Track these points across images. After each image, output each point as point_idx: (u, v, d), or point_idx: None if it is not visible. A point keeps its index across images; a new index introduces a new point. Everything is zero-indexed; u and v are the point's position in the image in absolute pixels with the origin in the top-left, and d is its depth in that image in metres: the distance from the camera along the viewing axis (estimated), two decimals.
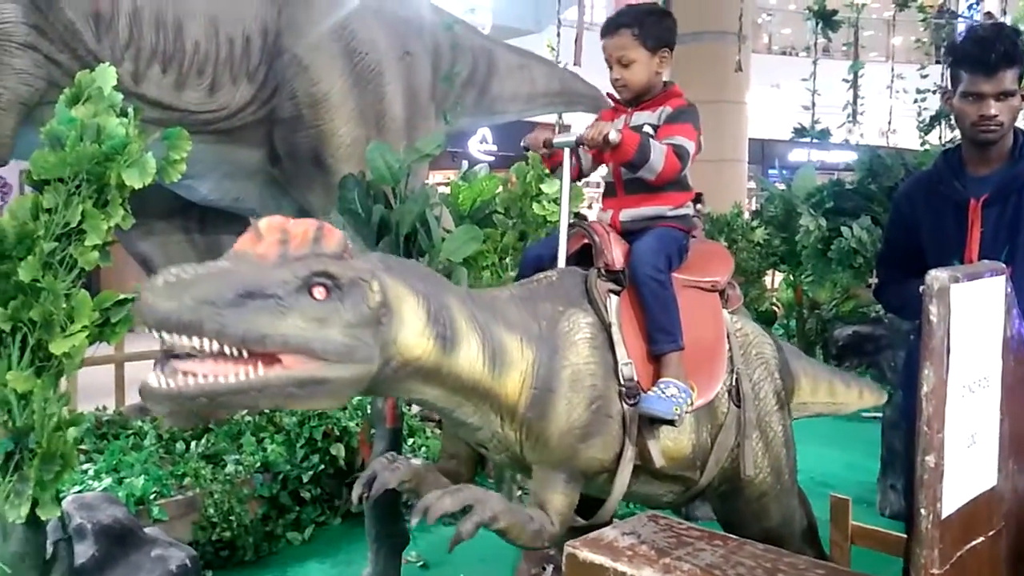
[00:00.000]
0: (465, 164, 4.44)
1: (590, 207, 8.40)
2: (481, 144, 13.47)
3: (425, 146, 2.62)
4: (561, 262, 1.94)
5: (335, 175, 3.36)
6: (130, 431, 3.46)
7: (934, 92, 6.42)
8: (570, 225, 1.99)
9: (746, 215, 6.29)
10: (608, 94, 2.14)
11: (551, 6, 8.10)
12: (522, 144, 2.08)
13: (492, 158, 14.23)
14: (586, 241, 1.97)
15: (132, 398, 4.60)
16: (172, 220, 3.79)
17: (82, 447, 3.17)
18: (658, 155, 1.88)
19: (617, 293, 1.89)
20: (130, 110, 1.72)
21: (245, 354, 1.32)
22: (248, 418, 3.59)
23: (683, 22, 2.28)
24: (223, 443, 3.36)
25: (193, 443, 3.35)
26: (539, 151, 2.05)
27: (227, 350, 1.29)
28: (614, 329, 1.82)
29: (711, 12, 8.92)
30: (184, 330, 1.25)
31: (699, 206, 8.73)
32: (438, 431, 3.73)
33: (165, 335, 1.25)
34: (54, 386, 1.71)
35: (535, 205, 3.52)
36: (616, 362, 1.79)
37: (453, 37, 4.23)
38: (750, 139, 13.50)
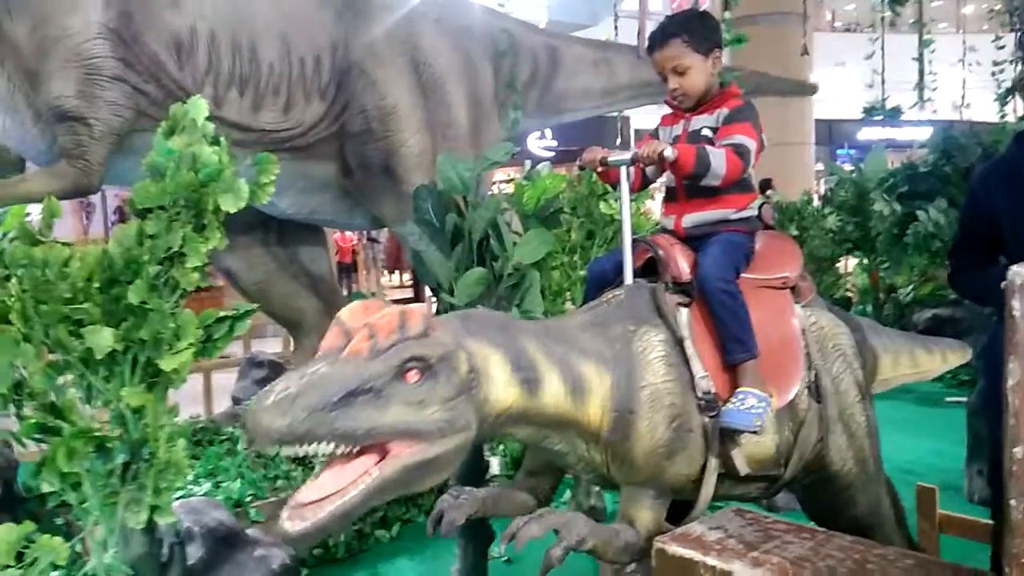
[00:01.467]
0: (528, 164, 4.50)
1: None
2: (541, 140, 13.51)
3: (494, 154, 2.69)
4: (628, 278, 1.96)
5: (406, 184, 3.47)
6: (223, 437, 3.63)
7: (1011, 62, 6.20)
8: (634, 240, 2.01)
9: (816, 201, 6.18)
10: (666, 100, 2.15)
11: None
12: (577, 164, 2.11)
13: (553, 154, 14.27)
14: (650, 255, 1.99)
15: (220, 405, 4.81)
16: (253, 234, 3.95)
17: None
18: (718, 160, 1.90)
19: (687, 305, 1.90)
20: (222, 139, 1.83)
21: (355, 450, 1.40)
22: None
23: (744, 4, 2.27)
24: None
25: None
26: (595, 170, 2.07)
27: (341, 450, 1.38)
28: (687, 343, 1.83)
29: None
30: (301, 440, 1.35)
31: (769, 192, 8.60)
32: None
33: (286, 449, 1.35)
34: (163, 400, 1.84)
35: (602, 204, 3.56)
36: (692, 376, 1.81)
37: (512, 39, 4.27)
38: (816, 120, 13.20)
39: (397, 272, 15.46)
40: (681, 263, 1.95)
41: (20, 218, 2.95)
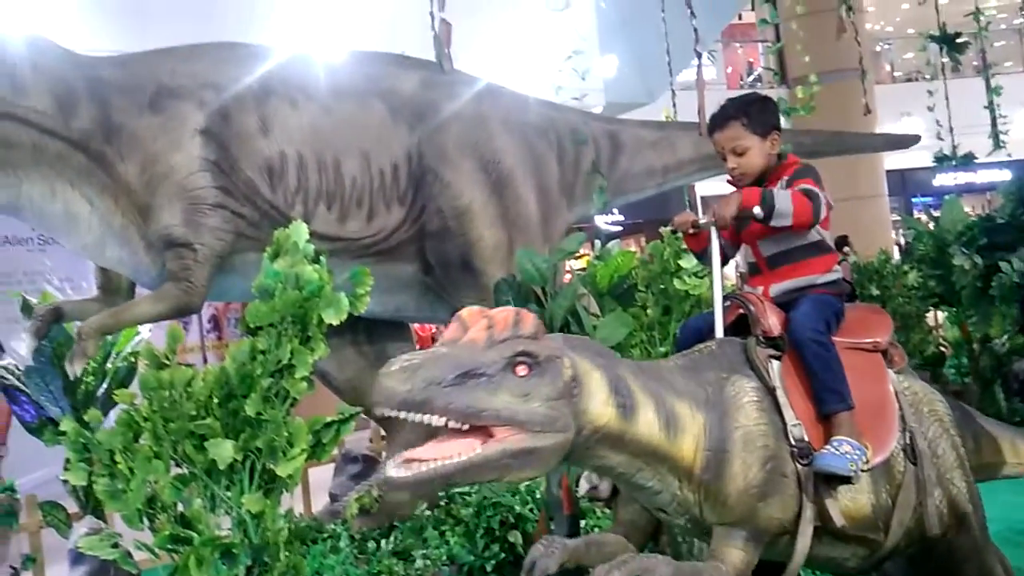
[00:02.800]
0: (597, 243, 4.62)
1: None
2: (607, 216, 13.67)
3: (568, 245, 2.82)
4: (719, 333, 2.04)
5: (484, 277, 3.62)
6: (326, 535, 3.74)
7: None
8: (724, 298, 2.09)
9: (895, 255, 6.09)
10: (728, 181, 2.25)
11: (661, 75, 8.26)
12: (669, 228, 2.22)
13: (620, 228, 14.38)
14: (741, 311, 2.06)
15: (318, 502, 4.94)
16: (343, 335, 4.13)
17: None
18: (783, 200, 1.97)
19: (778, 358, 1.96)
20: (321, 258, 2.00)
21: (465, 429, 1.53)
22: (428, 512, 3.80)
23: (801, 66, 2.35)
24: (409, 539, 3.57)
25: (383, 541, 3.58)
26: (687, 232, 2.18)
27: (452, 424, 1.52)
28: (779, 392, 1.89)
29: (828, 52, 8.81)
30: (418, 408, 1.51)
31: (846, 249, 8.49)
32: (608, 511, 3.80)
33: (403, 414, 1.50)
34: (279, 504, 1.97)
35: (676, 281, 3.63)
36: (784, 424, 1.86)
37: (573, 129, 4.46)
38: (887, 171, 13.00)
39: None
40: (771, 318, 2.02)
41: (130, 339, 3.20)
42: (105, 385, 3.15)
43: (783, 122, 2.37)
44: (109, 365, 3.17)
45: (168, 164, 2.91)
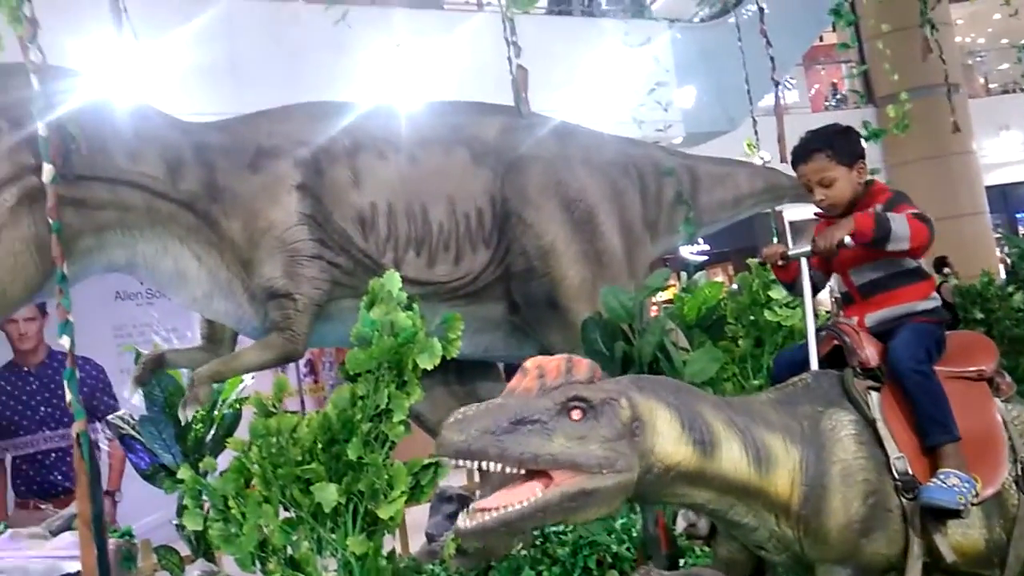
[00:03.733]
0: (684, 276, 4.58)
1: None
2: (692, 246, 13.53)
3: (654, 281, 2.83)
4: (814, 365, 2.01)
5: (570, 315, 3.65)
6: (424, 575, 3.79)
7: None
8: (818, 329, 2.06)
9: (1001, 274, 5.81)
10: (816, 213, 2.23)
11: (741, 102, 8.20)
12: (758, 260, 2.21)
13: (705, 257, 14.19)
14: (836, 343, 2.03)
15: (415, 542, 5.00)
16: (434, 377, 4.21)
17: None
18: (900, 224, 1.93)
19: (877, 389, 1.92)
20: (415, 305, 2.08)
21: (523, 473, 1.57)
22: (524, 552, 3.81)
23: (888, 84, 2.30)
24: None
25: None
26: (776, 263, 2.16)
27: (508, 470, 1.56)
28: (879, 424, 1.85)
29: (915, 69, 8.58)
30: (474, 456, 1.56)
31: (945, 270, 8.16)
32: (707, 549, 3.73)
33: (461, 463, 1.56)
34: (382, 546, 2.03)
35: (766, 312, 3.58)
36: (887, 457, 1.81)
37: (655, 163, 4.49)
38: (988, 187, 12.46)
39: None
40: (868, 349, 1.98)
41: (235, 387, 3.35)
42: (212, 432, 3.30)
43: (870, 144, 2.34)
44: (216, 412, 3.33)
45: (268, 220, 3.07)
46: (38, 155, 2.43)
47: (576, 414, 1.62)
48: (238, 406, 3.29)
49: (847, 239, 1.94)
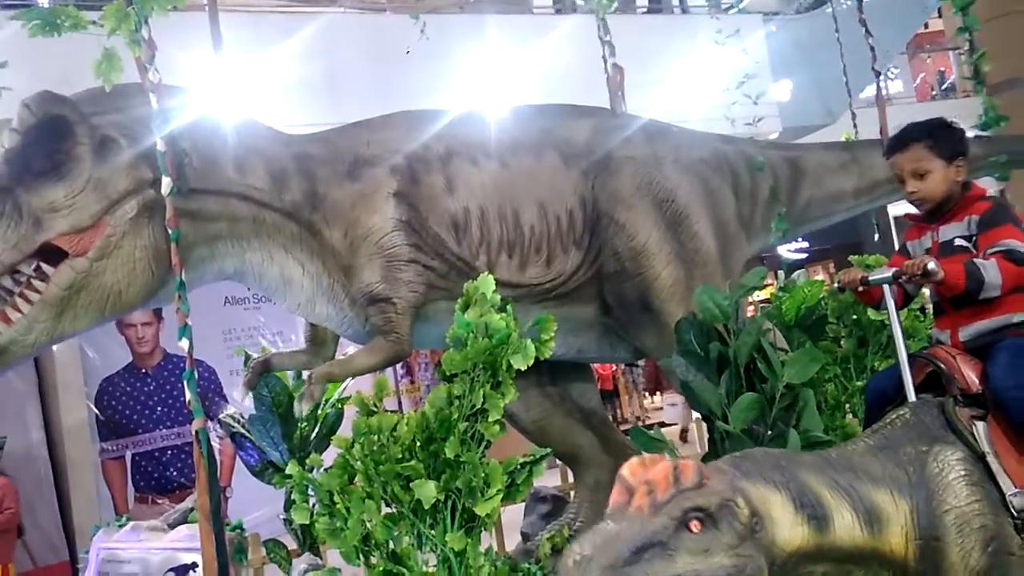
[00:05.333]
0: (781, 274, 4.46)
1: None
2: (791, 244, 13.12)
3: (750, 280, 2.78)
4: (910, 395, 1.91)
5: (664, 315, 3.62)
6: (520, 573, 3.83)
7: None
8: (911, 355, 1.97)
9: None
10: (907, 215, 2.13)
11: (839, 95, 7.94)
12: (836, 285, 2.14)
13: (805, 255, 13.75)
14: (931, 369, 1.93)
15: (510, 541, 5.06)
16: (528, 377, 4.25)
17: None
18: (991, 272, 1.83)
19: (982, 418, 1.81)
20: (508, 307, 2.12)
21: None
22: None
23: (999, 70, 2.16)
24: None
25: None
26: (855, 290, 2.08)
27: None
28: (990, 459, 1.73)
29: None
30: None
31: None
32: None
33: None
34: (479, 542, 2.07)
35: (870, 311, 3.46)
36: (1002, 494, 1.70)
37: (748, 159, 4.38)
38: None
39: (658, 393, 15.42)
40: (968, 374, 1.87)
41: (337, 387, 3.47)
42: (317, 430, 3.43)
43: (979, 133, 2.22)
44: (320, 412, 3.46)
45: (367, 227, 3.17)
46: (156, 169, 2.60)
47: (695, 526, 1.52)
48: (340, 406, 3.42)
49: (931, 265, 1.82)
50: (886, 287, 2.00)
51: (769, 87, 9.77)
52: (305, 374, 3.17)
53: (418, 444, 2.04)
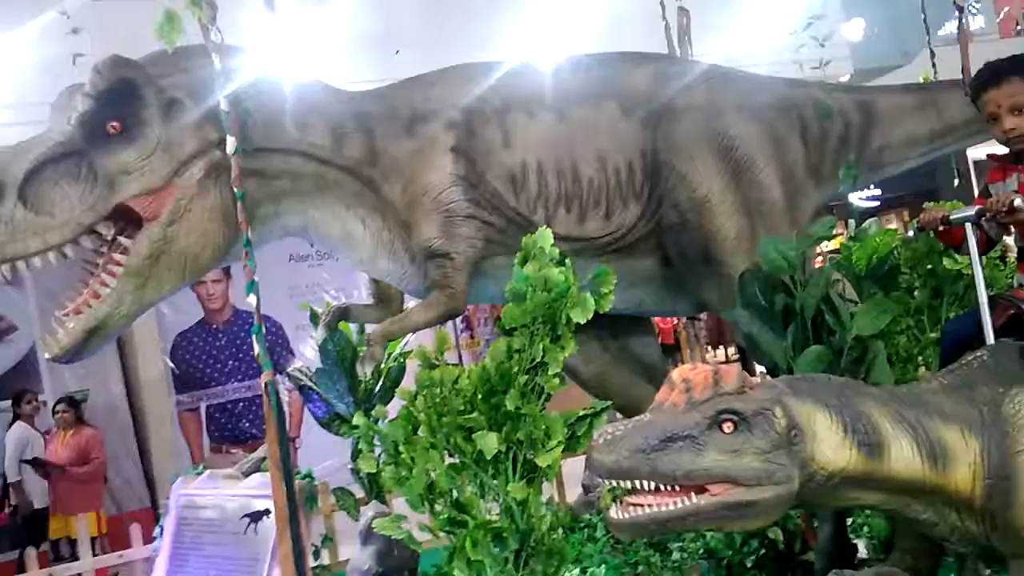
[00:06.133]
0: (851, 223, 4.32)
1: None
2: (862, 191, 12.69)
3: (817, 231, 2.71)
4: (989, 338, 1.87)
5: (727, 268, 3.56)
6: (582, 524, 3.89)
7: None
8: (991, 297, 1.91)
9: None
10: (990, 155, 2.04)
11: (916, 33, 7.58)
12: (916, 226, 2.07)
13: (878, 203, 13.30)
14: (1012, 311, 1.88)
15: (571, 493, 5.13)
16: (587, 331, 4.21)
17: None
18: None
19: None
20: (567, 260, 2.11)
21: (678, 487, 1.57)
22: None
23: None
24: None
25: None
26: (936, 229, 2.02)
27: (662, 488, 1.56)
28: None
29: None
30: (625, 476, 1.57)
31: None
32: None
33: (612, 482, 1.57)
34: (540, 492, 2.10)
35: (945, 260, 3.33)
36: None
37: (817, 104, 4.22)
38: None
39: (721, 347, 15.27)
40: None
41: (400, 342, 3.53)
42: (381, 383, 3.51)
43: None
44: (383, 366, 3.53)
45: (425, 183, 3.19)
46: (221, 129, 2.65)
47: (728, 427, 1.59)
48: (403, 359, 3.48)
49: (1018, 201, 1.76)
50: (968, 226, 1.93)
51: (840, 27, 9.36)
52: (366, 332, 3.23)
53: (479, 397, 2.07)
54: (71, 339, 2.70)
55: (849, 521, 3.62)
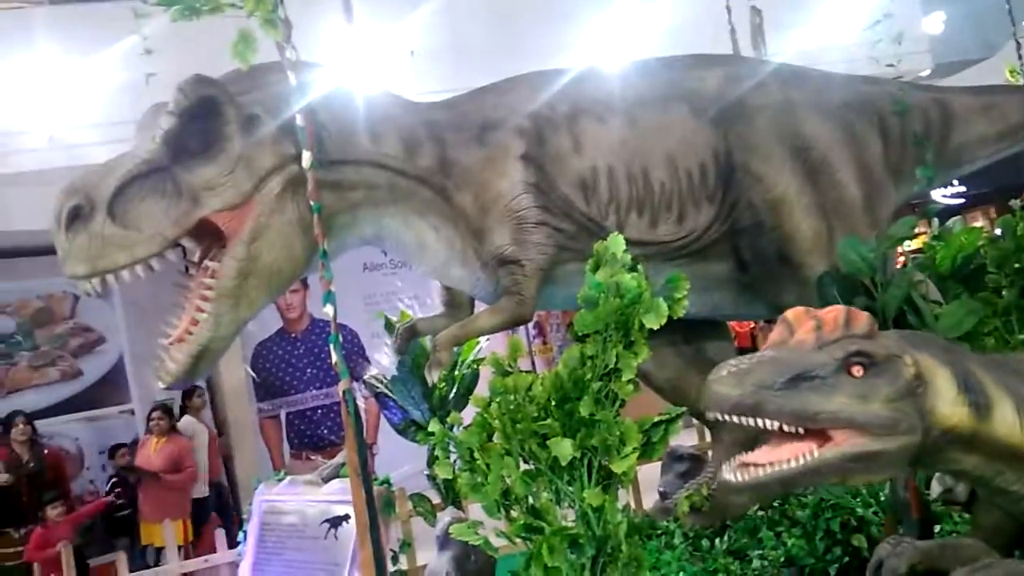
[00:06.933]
0: (935, 222, 4.17)
1: None
2: (946, 189, 12.25)
3: (898, 231, 2.63)
4: None
5: (804, 269, 3.48)
6: (659, 531, 3.84)
7: None
8: None
9: None
10: None
11: (1000, 25, 7.29)
12: (1020, 203, 1.99)
13: (962, 200, 12.78)
14: None
15: (648, 500, 5.07)
16: (661, 336, 4.15)
17: None
18: None
19: None
20: (639, 266, 2.10)
21: (801, 432, 1.53)
22: (761, 512, 3.74)
23: None
24: (743, 538, 3.54)
25: (716, 540, 3.59)
26: None
27: (785, 428, 1.52)
28: None
29: None
30: (749, 412, 1.53)
31: None
32: (966, 515, 3.44)
33: (735, 418, 1.54)
34: (617, 499, 2.09)
35: None
36: None
37: (895, 102, 4.11)
38: None
39: None
40: None
41: (473, 348, 3.56)
42: (455, 390, 3.54)
43: None
44: (456, 372, 3.57)
45: (496, 190, 3.21)
46: (297, 144, 2.73)
47: (857, 370, 1.54)
48: (476, 366, 3.51)
49: None
50: None
51: (921, 21, 9.05)
52: (430, 339, 3.28)
53: (553, 403, 2.07)
54: (180, 367, 2.81)
55: (936, 529, 3.49)
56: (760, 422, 1.51)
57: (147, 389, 7.80)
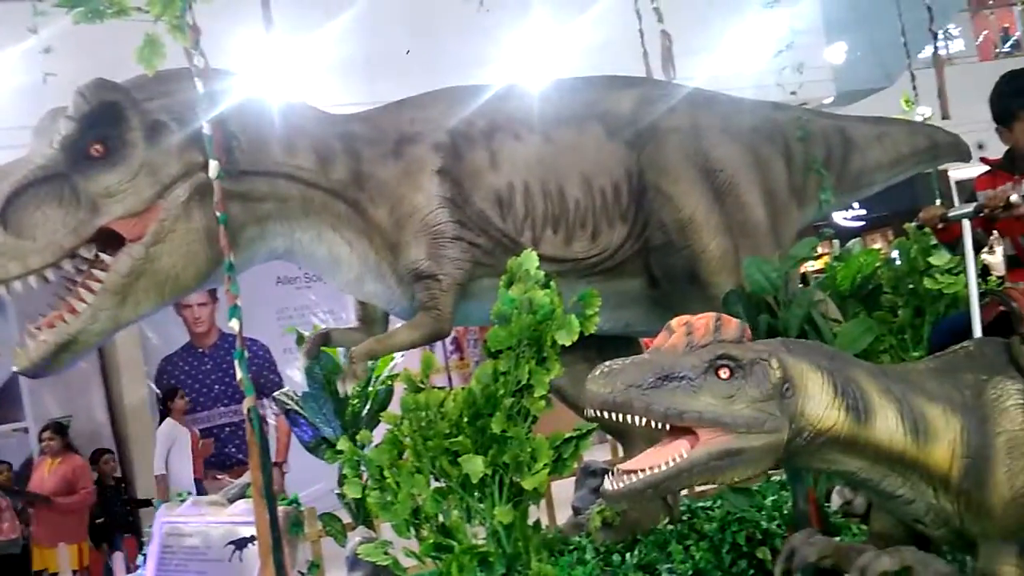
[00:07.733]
0: (836, 244, 4.35)
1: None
2: (847, 211, 12.82)
3: (799, 251, 2.73)
4: (976, 331, 1.91)
5: (712, 288, 3.57)
6: (571, 547, 3.85)
7: None
8: (982, 294, 1.95)
9: None
10: (983, 159, 2.09)
11: (897, 56, 7.69)
12: (915, 223, 2.11)
13: (863, 222, 13.39)
14: (1001, 309, 1.92)
15: (561, 515, 5.10)
16: (574, 352, 4.17)
17: None
18: None
19: None
20: (552, 282, 2.11)
21: (668, 429, 1.58)
22: (671, 526, 3.80)
23: None
24: (653, 552, 3.58)
25: (627, 555, 3.62)
26: (935, 227, 2.07)
27: (653, 425, 1.57)
28: None
29: None
30: (618, 409, 1.58)
31: None
32: (863, 527, 3.58)
33: (606, 415, 1.58)
34: (527, 516, 2.09)
35: (926, 280, 3.36)
36: None
37: (800, 128, 4.28)
38: None
39: None
40: None
41: (388, 364, 3.51)
42: (368, 406, 3.48)
43: None
44: (370, 388, 3.51)
45: (412, 205, 3.19)
46: (205, 153, 2.65)
47: (724, 373, 1.61)
48: (390, 382, 3.46)
49: (1014, 196, 1.81)
50: (966, 223, 1.99)
51: (824, 50, 9.48)
52: (343, 352, 3.22)
53: (465, 420, 2.06)
54: (41, 353, 2.66)
55: (836, 540, 3.62)
56: (629, 419, 1.57)
57: (42, 407, 7.39)
